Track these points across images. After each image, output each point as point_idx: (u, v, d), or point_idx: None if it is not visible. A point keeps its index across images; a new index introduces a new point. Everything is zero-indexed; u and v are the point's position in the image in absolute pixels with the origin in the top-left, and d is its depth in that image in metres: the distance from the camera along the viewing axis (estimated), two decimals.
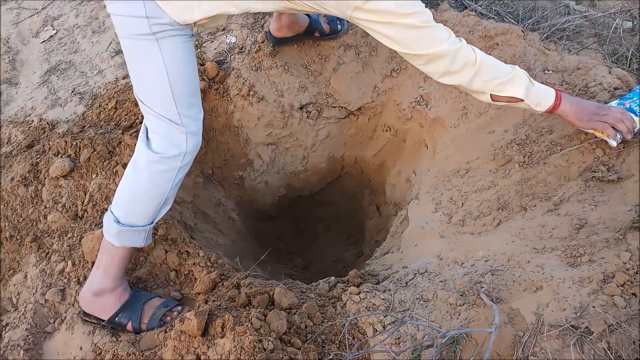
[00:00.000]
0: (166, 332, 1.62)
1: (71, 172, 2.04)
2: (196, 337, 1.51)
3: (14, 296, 1.84)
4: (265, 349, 1.41)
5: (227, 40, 2.50)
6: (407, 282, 1.73)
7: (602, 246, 1.54)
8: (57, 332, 1.72)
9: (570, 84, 2.01)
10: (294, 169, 2.79)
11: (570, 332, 1.36)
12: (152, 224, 1.68)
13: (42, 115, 2.41)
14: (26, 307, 1.77)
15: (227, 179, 2.63)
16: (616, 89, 1.90)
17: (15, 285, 1.86)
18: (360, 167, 2.92)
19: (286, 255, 2.89)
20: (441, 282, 1.67)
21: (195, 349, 1.50)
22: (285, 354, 1.43)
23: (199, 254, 1.90)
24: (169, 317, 1.69)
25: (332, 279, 1.85)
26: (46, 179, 2.04)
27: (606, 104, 1.78)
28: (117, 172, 2.02)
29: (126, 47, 1.51)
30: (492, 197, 1.93)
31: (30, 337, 1.69)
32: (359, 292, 1.68)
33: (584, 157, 1.82)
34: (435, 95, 2.35)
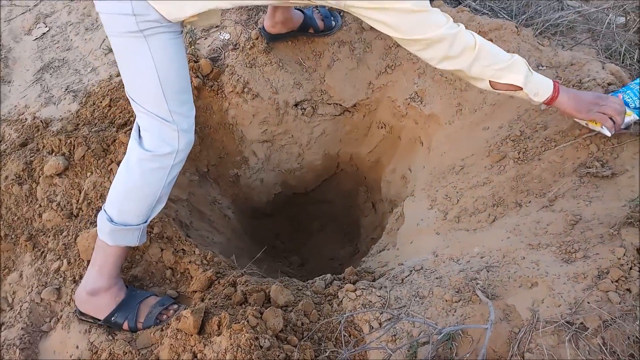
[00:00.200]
0: (162, 330, 1.61)
1: (65, 170, 2.03)
2: (192, 335, 1.51)
3: (10, 295, 1.83)
4: (261, 347, 1.42)
5: (220, 37, 2.49)
6: (403, 279, 1.74)
7: (597, 242, 1.55)
8: (53, 331, 1.71)
9: (563, 79, 2.01)
10: (290, 167, 2.78)
11: (565, 328, 1.37)
12: (147, 222, 1.67)
13: (35, 113, 2.39)
14: (22, 306, 1.77)
15: (222, 177, 2.63)
16: (610, 85, 1.91)
17: (10, 284, 1.86)
18: (355, 164, 2.92)
19: (282, 253, 2.89)
20: (437, 278, 1.68)
21: (191, 347, 1.50)
22: (281, 352, 1.43)
23: (194, 252, 1.90)
24: (165, 316, 1.68)
25: (328, 276, 1.85)
26: (40, 177, 2.03)
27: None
28: (111, 170, 2.01)
29: (115, 45, 1.49)
30: (487, 194, 1.93)
31: (26, 336, 1.68)
32: (355, 290, 1.68)
33: (578, 153, 1.82)
34: (430, 91, 2.35)
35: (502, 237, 1.73)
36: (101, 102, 2.31)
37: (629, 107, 1.69)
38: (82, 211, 1.94)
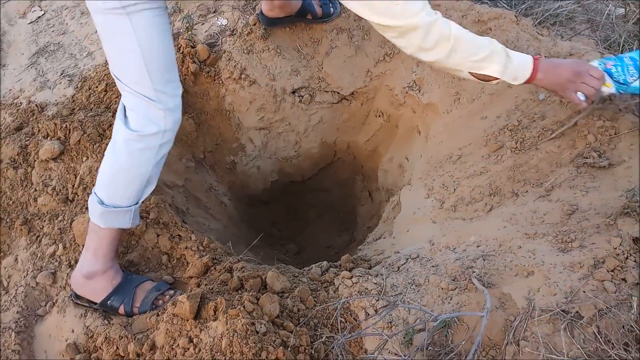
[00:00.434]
0: (158, 315, 1.61)
1: (61, 154, 2.01)
2: (188, 320, 1.51)
3: (5, 279, 1.83)
4: (257, 332, 1.42)
5: (218, 22, 2.47)
6: (399, 267, 1.74)
7: (593, 232, 1.56)
8: (48, 315, 1.71)
9: None
10: (286, 154, 2.78)
11: (560, 316, 1.38)
12: (137, 204, 1.65)
13: (30, 97, 2.37)
14: (17, 290, 1.76)
15: (218, 164, 2.62)
16: None
17: (5, 268, 1.85)
18: (352, 152, 2.92)
19: (278, 241, 2.89)
20: (433, 267, 1.68)
21: (187, 332, 1.50)
22: (277, 337, 1.44)
23: (191, 238, 1.89)
24: (161, 301, 1.68)
25: (325, 263, 1.85)
26: (36, 161, 2.02)
27: (590, 60, 1.71)
28: None
29: (98, 22, 1.45)
30: (484, 183, 1.93)
31: (21, 319, 1.68)
32: (351, 277, 1.68)
33: (575, 143, 1.82)
34: (428, 80, 2.34)
35: (499, 226, 1.74)
36: (97, 87, 2.29)
37: (612, 77, 1.65)
38: (78, 196, 1.93)
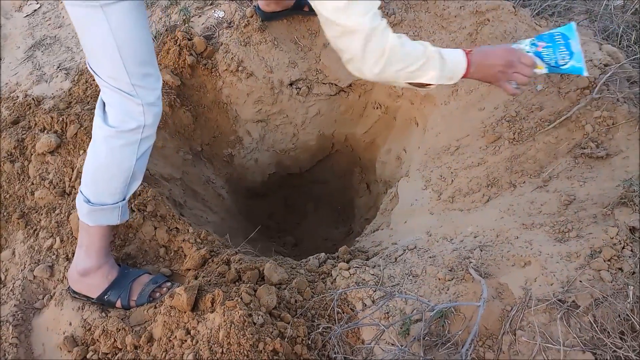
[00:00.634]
0: (156, 307, 1.61)
1: (58, 148, 2.01)
2: (186, 312, 1.51)
3: (2, 273, 1.83)
4: (255, 323, 1.42)
5: (215, 14, 2.46)
6: (396, 258, 1.74)
7: (590, 222, 1.56)
8: (46, 308, 1.71)
9: None
10: (284, 147, 2.77)
11: (557, 306, 1.38)
12: (125, 200, 1.63)
13: (27, 91, 2.36)
14: (14, 283, 1.76)
15: (216, 156, 2.61)
16: (606, 65, 1.90)
17: (3, 261, 1.85)
18: (350, 144, 2.91)
19: (276, 233, 2.89)
20: (430, 257, 1.68)
21: (185, 323, 1.50)
22: (275, 328, 1.44)
23: (188, 230, 1.89)
24: (158, 293, 1.68)
25: (322, 255, 1.85)
26: (33, 155, 2.01)
27: (521, 41, 1.66)
28: None
29: (72, 15, 1.40)
30: (481, 174, 1.93)
31: (19, 313, 1.68)
32: (349, 268, 1.69)
33: (573, 133, 1.82)
34: None
35: (496, 217, 1.74)
36: (93, 80, 2.28)
37: (543, 60, 1.62)
38: (75, 189, 1.92)
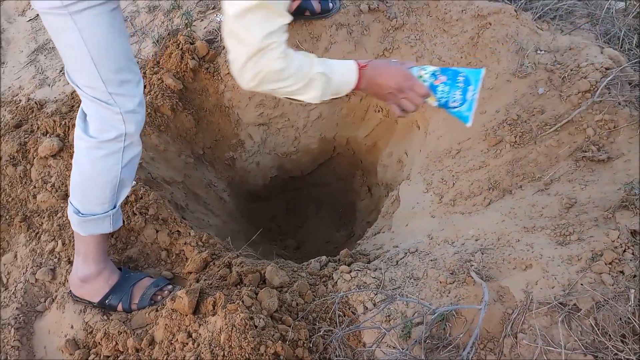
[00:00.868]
0: (157, 310, 1.62)
1: (60, 151, 2.02)
2: (187, 315, 1.52)
3: (4, 275, 1.83)
4: (256, 326, 1.42)
5: (217, 18, 2.47)
6: (397, 261, 1.74)
7: (592, 225, 1.56)
8: (47, 311, 1.72)
9: (562, 64, 2.01)
10: (286, 150, 2.77)
11: (558, 309, 1.38)
12: (115, 208, 1.61)
13: (30, 94, 2.38)
14: (16, 286, 1.77)
15: (218, 160, 2.62)
16: (608, 69, 1.90)
17: (5, 264, 1.85)
18: (352, 148, 2.91)
19: (278, 236, 2.89)
20: (431, 260, 1.68)
21: (186, 326, 1.50)
22: (276, 331, 1.44)
23: (190, 233, 1.89)
24: (159, 296, 1.68)
25: (324, 258, 1.85)
26: (35, 158, 2.02)
27: (425, 67, 1.54)
28: None
29: (45, 23, 1.35)
30: (483, 177, 1.93)
31: (21, 316, 1.69)
32: (350, 271, 1.69)
33: (574, 137, 1.82)
34: None
35: (497, 220, 1.74)
36: None
37: (436, 93, 1.51)
38: None
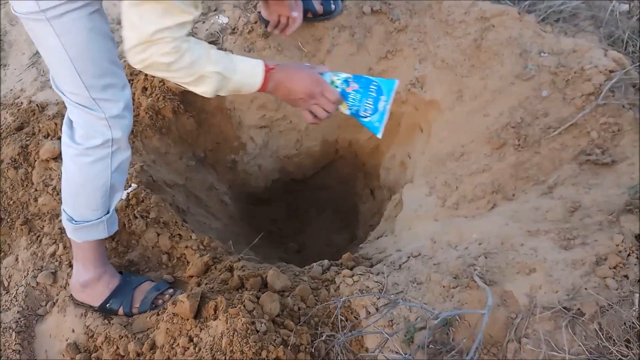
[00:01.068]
0: (158, 314, 1.61)
1: (61, 154, 2.01)
2: (189, 319, 1.51)
3: (5, 279, 1.83)
4: (258, 331, 1.41)
5: (219, 20, 2.46)
6: (400, 265, 1.73)
7: (596, 229, 1.55)
8: (49, 314, 1.71)
9: (566, 66, 2.00)
10: (288, 153, 2.77)
11: (562, 313, 1.37)
12: (109, 213, 1.60)
13: (31, 97, 2.37)
14: (17, 289, 1.76)
15: (219, 162, 2.61)
16: (612, 72, 1.90)
17: (6, 268, 1.85)
18: (354, 150, 2.90)
19: (279, 239, 2.88)
20: (435, 264, 1.67)
21: (187, 331, 1.50)
22: (278, 336, 1.43)
23: (191, 237, 1.89)
24: (160, 300, 1.68)
25: (326, 262, 1.84)
26: (36, 161, 2.02)
27: (338, 73, 1.55)
28: None
29: (26, 29, 1.33)
30: (486, 181, 1.92)
31: (22, 319, 1.68)
32: (352, 275, 1.68)
33: (578, 140, 1.81)
34: (430, 77, 2.33)
35: (501, 224, 1.72)
36: None
37: (347, 101, 1.55)
38: None
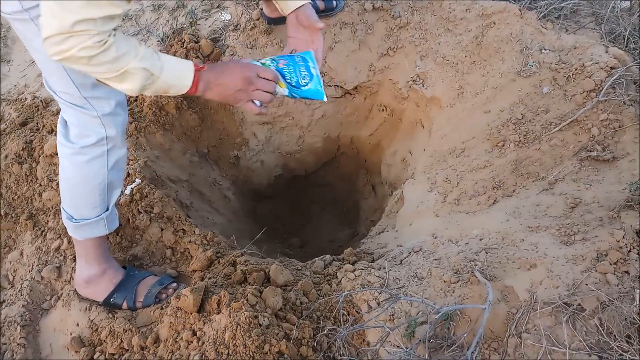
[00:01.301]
0: (162, 308, 1.62)
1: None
2: (192, 313, 1.52)
3: (10, 273, 1.84)
4: (261, 325, 1.42)
5: (221, 17, 2.47)
6: (401, 260, 1.74)
7: (596, 225, 1.55)
8: (53, 309, 1.73)
9: (566, 63, 2.00)
10: (290, 149, 2.78)
11: (563, 309, 1.38)
12: (108, 210, 1.61)
13: (35, 93, 2.39)
14: (22, 284, 1.78)
15: (222, 158, 2.63)
16: (612, 68, 1.90)
17: (11, 262, 1.87)
18: (356, 147, 2.92)
19: (282, 234, 2.89)
20: (436, 260, 1.68)
21: (191, 325, 1.51)
22: (280, 330, 1.44)
23: (194, 232, 1.90)
24: (164, 295, 1.69)
25: (328, 257, 1.85)
26: (40, 156, 2.03)
27: (262, 59, 1.55)
28: None
29: (14, 29, 1.32)
30: (487, 177, 1.93)
31: (26, 313, 1.70)
32: (354, 270, 1.69)
33: (579, 136, 1.82)
34: (431, 74, 2.33)
35: (502, 220, 1.73)
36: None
37: (284, 78, 1.55)
38: None
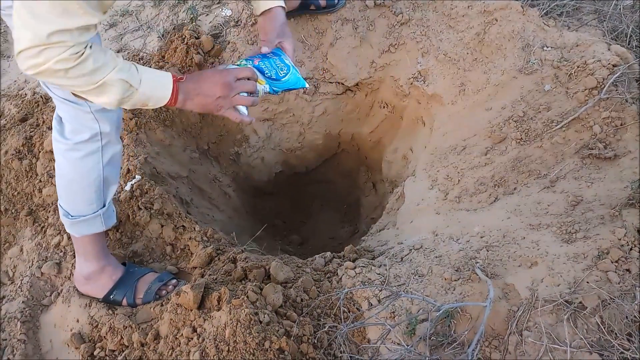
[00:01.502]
0: (162, 305, 1.62)
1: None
2: (192, 310, 1.52)
3: (10, 269, 1.84)
4: (261, 322, 1.42)
5: (222, 13, 2.46)
6: (402, 258, 1.74)
7: (598, 223, 1.55)
8: (53, 305, 1.72)
9: (568, 60, 2.00)
10: (290, 146, 2.77)
11: (564, 307, 1.38)
12: (105, 207, 1.61)
13: (35, 88, 2.38)
14: (22, 280, 1.78)
15: (222, 155, 2.62)
16: (615, 66, 1.89)
17: (11, 258, 1.86)
18: (356, 144, 2.91)
19: (282, 231, 2.89)
20: (436, 257, 1.68)
21: (191, 321, 1.51)
22: (280, 327, 1.44)
23: (195, 228, 1.90)
24: (164, 291, 1.69)
25: (328, 254, 1.85)
26: (40, 152, 2.03)
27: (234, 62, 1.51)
28: None
29: (8, 25, 1.29)
30: (488, 174, 1.93)
31: (27, 309, 1.70)
32: (355, 267, 1.69)
33: (580, 134, 1.82)
34: (433, 71, 2.33)
35: (503, 217, 1.73)
36: None
37: (264, 75, 1.57)
38: None
